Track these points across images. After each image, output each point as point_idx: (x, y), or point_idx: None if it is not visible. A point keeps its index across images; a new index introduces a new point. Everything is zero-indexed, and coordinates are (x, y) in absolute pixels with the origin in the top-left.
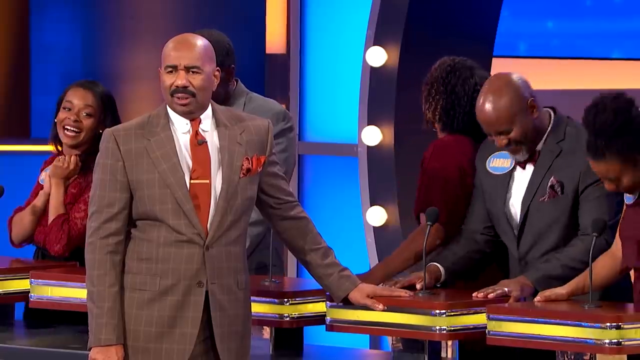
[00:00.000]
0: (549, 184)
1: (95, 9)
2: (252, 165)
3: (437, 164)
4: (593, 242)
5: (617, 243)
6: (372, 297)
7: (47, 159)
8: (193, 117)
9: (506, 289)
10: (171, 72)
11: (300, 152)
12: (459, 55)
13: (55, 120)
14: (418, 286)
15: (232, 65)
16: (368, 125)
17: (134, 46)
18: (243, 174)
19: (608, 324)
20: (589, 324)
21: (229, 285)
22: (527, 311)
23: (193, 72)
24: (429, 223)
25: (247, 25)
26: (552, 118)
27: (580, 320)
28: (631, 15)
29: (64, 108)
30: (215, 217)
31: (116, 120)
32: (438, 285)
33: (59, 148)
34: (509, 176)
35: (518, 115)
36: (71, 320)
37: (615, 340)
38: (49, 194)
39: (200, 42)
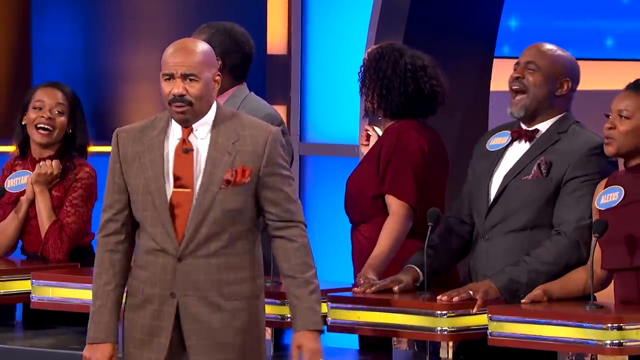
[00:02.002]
0: (537, 162)
1: (96, 9)
2: (234, 177)
3: (404, 153)
4: (595, 243)
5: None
6: (298, 347)
7: (3, 164)
8: (188, 124)
9: (471, 292)
10: (169, 79)
11: (302, 153)
12: (459, 56)
13: (24, 122)
14: (395, 289)
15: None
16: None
17: (134, 46)
18: (223, 185)
19: (609, 325)
20: (590, 324)
21: (209, 298)
22: (529, 312)
23: (190, 79)
24: (430, 224)
25: (248, 26)
26: (564, 113)
27: (581, 321)
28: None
29: (35, 108)
30: (188, 228)
31: (84, 119)
32: (417, 285)
33: (24, 151)
34: (501, 153)
35: (549, 72)
36: (72, 321)
37: (617, 341)
38: (32, 201)
39: (200, 48)
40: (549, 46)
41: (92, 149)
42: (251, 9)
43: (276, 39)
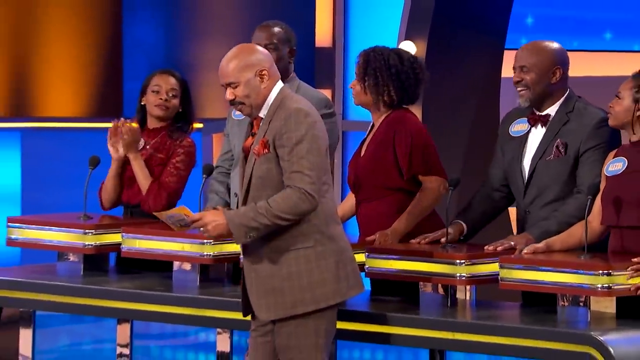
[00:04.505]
0: (555, 144)
1: (176, 11)
2: (258, 149)
3: (421, 137)
4: (588, 204)
5: (594, 211)
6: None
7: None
8: (252, 117)
9: (512, 243)
10: (225, 88)
11: (344, 129)
12: (475, 48)
13: (143, 103)
14: (443, 240)
15: (294, 47)
16: None
17: (206, 42)
18: (255, 156)
19: (600, 272)
20: (584, 271)
21: (256, 249)
22: (533, 261)
23: (232, 87)
24: (450, 188)
25: (300, 24)
26: (566, 94)
27: (577, 268)
28: None
29: (153, 91)
30: (243, 191)
31: (191, 100)
32: (462, 238)
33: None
34: (524, 139)
35: (541, 68)
36: (155, 267)
37: (607, 285)
38: (119, 160)
39: (233, 56)
40: (536, 44)
41: None
42: (302, 10)
43: (323, 35)
